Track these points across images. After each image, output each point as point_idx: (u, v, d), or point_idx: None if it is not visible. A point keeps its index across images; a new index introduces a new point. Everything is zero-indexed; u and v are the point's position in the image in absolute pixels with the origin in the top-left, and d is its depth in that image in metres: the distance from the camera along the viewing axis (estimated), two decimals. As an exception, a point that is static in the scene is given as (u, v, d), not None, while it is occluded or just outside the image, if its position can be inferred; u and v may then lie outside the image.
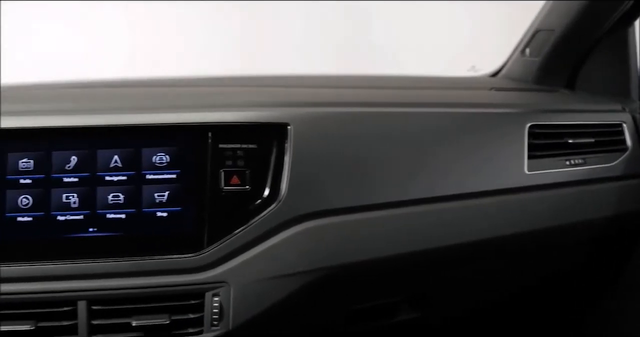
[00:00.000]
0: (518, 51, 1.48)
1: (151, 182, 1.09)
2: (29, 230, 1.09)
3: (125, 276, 1.08)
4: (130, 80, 1.48)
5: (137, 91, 1.31)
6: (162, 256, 1.07)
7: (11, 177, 1.09)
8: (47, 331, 1.06)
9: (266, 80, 1.45)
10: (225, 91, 1.24)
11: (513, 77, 1.49)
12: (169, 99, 1.08)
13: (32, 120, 1.11)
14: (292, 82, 1.41)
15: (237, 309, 1.06)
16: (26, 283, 1.07)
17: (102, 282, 1.07)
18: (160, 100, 1.06)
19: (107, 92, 1.31)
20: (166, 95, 1.12)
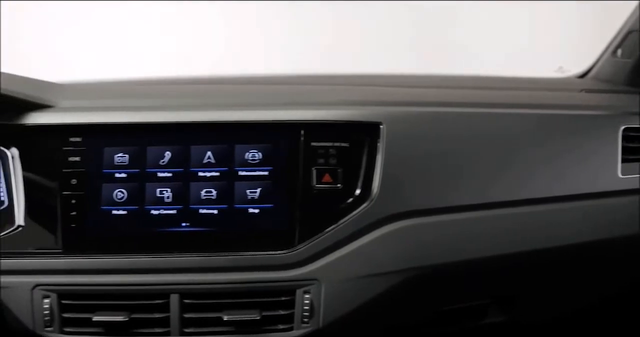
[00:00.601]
0: (609, 52, 1.47)
1: (243, 179, 1.11)
2: (124, 223, 1.12)
3: (217, 270, 1.10)
4: (219, 77, 1.50)
5: (228, 88, 1.33)
6: (253, 252, 1.10)
7: (107, 171, 1.12)
8: (140, 323, 1.10)
9: (356, 79, 1.46)
10: (317, 89, 1.23)
11: (603, 79, 1.48)
12: (261, 96, 1.10)
13: (128, 115, 1.14)
14: (381, 81, 1.42)
15: (328, 307, 1.07)
16: (120, 275, 1.11)
17: (195, 276, 1.10)
18: (253, 98, 1.08)
19: (199, 89, 1.33)
20: (258, 93, 1.14)
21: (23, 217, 1.15)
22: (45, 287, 1.11)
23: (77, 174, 1.06)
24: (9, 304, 1.11)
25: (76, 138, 1.06)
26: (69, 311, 1.04)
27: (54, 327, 1.11)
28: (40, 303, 1.10)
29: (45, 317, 1.10)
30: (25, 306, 1.11)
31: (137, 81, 1.52)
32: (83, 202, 1.06)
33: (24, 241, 1.15)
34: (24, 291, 1.12)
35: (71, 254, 1.12)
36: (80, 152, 1.06)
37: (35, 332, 1.11)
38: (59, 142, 1.06)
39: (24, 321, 1.11)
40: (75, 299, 1.04)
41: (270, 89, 1.30)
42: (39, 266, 1.13)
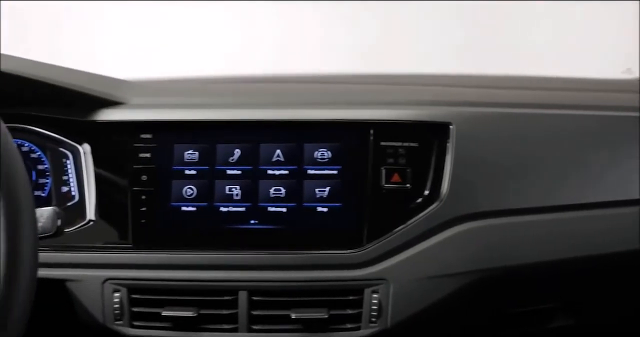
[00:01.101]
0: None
1: (312, 177, 1.12)
2: (193, 220, 1.13)
3: (285, 268, 1.11)
4: (285, 76, 1.51)
5: (296, 87, 1.34)
6: (321, 251, 1.11)
7: (177, 168, 1.13)
8: (208, 318, 1.10)
9: (422, 79, 1.45)
10: (385, 89, 1.26)
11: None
12: (330, 95, 1.10)
13: (198, 113, 1.16)
14: (447, 81, 1.42)
15: (396, 307, 1.08)
16: (189, 271, 1.12)
17: (263, 273, 1.11)
18: (322, 97, 1.08)
19: (266, 87, 1.35)
20: (327, 92, 1.14)
21: (94, 212, 1.17)
22: (115, 282, 1.13)
23: (147, 171, 1.07)
24: (79, 297, 1.14)
25: (147, 135, 1.07)
26: (138, 305, 1.05)
27: (123, 321, 1.12)
28: (110, 297, 1.12)
29: (115, 311, 1.12)
30: (95, 300, 1.13)
31: (203, 79, 1.54)
32: (153, 198, 1.08)
33: (94, 235, 1.18)
34: (95, 284, 1.13)
35: (141, 249, 1.14)
36: (150, 149, 1.07)
37: (105, 326, 1.13)
38: (130, 139, 1.08)
39: (94, 314, 1.12)
40: (144, 293, 1.05)
41: (338, 88, 1.31)
42: (109, 260, 1.15)
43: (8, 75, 1.09)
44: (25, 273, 0.79)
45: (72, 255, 1.16)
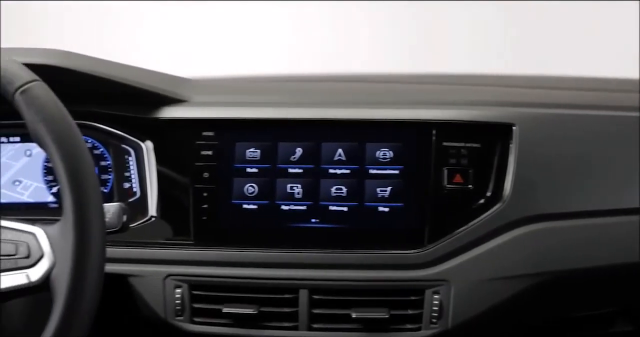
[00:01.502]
0: None
1: (374, 177, 1.13)
2: (254, 217, 1.13)
3: (346, 267, 1.12)
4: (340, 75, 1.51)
5: (356, 86, 1.35)
6: (382, 251, 1.11)
7: (239, 166, 1.14)
8: (268, 316, 1.11)
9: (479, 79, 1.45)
10: (446, 89, 1.23)
11: None
12: (391, 94, 1.11)
13: (260, 111, 1.16)
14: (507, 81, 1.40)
15: (457, 308, 1.08)
16: (250, 268, 1.13)
17: (324, 272, 1.11)
18: (384, 96, 1.09)
19: (324, 86, 1.35)
20: (388, 91, 1.15)
21: (155, 208, 1.18)
22: (177, 278, 1.14)
23: (209, 168, 1.08)
24: (141, 292, 1.15)
25: (209, 132, 1.08)
26: (199, 302, 1.06)
27: (184, 317, 1.13)
28: (172, 293, 1.13)
29: (177, 307, 1.13)
30: (157, 295, 1.14)
31: (261, 78, 1.54)
32: (214, 196, 1.09)
33: (156, 231, 1.19)
34: (157, 280, 1.15)
35: (202, 246, 1.15)
36: (212, 147, 1.08)
37: (166, 321, 1.14)
38: (192, 136, 1.09)
39: (156, 309, 1.14)
40: (205, 290, 1.06)
41: (399, 88, 1.31)
42: (171, 256, 1.16)
43: (74, 73, 1.11)
44: (94, 268, 0.80)
45: (134, 250, 1.17)
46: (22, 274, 0.82)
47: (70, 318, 0.78)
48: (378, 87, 1.33)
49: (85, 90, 1.11)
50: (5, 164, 1.29)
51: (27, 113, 0.81)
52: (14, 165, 1.29)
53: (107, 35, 2.24)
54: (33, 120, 0.81)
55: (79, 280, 0.78)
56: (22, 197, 1.30)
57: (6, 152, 1.29)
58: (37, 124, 0.81)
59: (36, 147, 1.18)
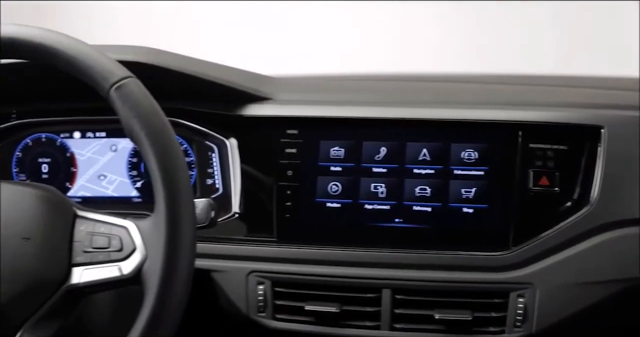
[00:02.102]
0: None
1: (458, 178, 1.12)
2: (337, 216, 1.14)
3: (429, 268, 1.12)
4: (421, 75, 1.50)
5: (438, 86, 1.35)
6: (466, 252, 1.11)
7: (323, 164, 1.14)
8: (350, 315, 1.11)
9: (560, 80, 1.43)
10: (530, 90, 1.21)
11: None
12: (475, 95, 1.11)
13: (344, 110, 1.17)
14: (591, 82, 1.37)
15: (542, 313, 1.07)
16: (333, 267, 1.13)
17: (407, 272, 1.12)
18: (468, 96, 1.09)
19: (407, 86, 1.35)
20: (471, 91, 1.13)
21: (238, 205, 1.19)
22: (259, 274, 1.15)
23: (293, 166, 1.09)
24: (224, 287, 1.16)
25: (293, 130, 1.09)
26: (281, 299, 1.07)
27: (266, 313, 1.14)
28: (254, 289, 1.14)
29: (259, 303, 1.14)
30: (240, 291, 1.16)
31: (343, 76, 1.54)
32: (298, 194, 1.10)
33: (239, 227, 1.20)
34: (240, 276, 1.16)
35: (285, 243, 1.15)
36: (296, 145, 1.09)
37: (248, 317, 1.15)
38: (277, 134, 1.10)
39: (238, 304, 1.15)
40: (288, 287, 1.07)
41: (481, 88, 1.30)
42: (254, 253, 1.17)
43: (162, 70, 1.13)
44: (184, 262, 0.82)
45: (218, 246, 1.19)
46: (115, 266, 0.84)
47: (161, 311, 0.79)
48: (460, 87, 1.32)
49: (172, 87, 1.13)
50: (91, 159, 1.32)
51: (122, 109, 0.83)
52: (100, 160, 1.32)
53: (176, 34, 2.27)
54: (127, 116, 0.83)
55: (170, 274, 0.80)
56: (107, 192, 1.32)
57: (92, 147, 1.32)
58: (131, 120, 0.83)
59: (121, 143, 1.21)
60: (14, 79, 1.21)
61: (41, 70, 1.15)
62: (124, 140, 1.31)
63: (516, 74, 1.51)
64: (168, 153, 0.83)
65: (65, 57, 0.86)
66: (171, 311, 0.81)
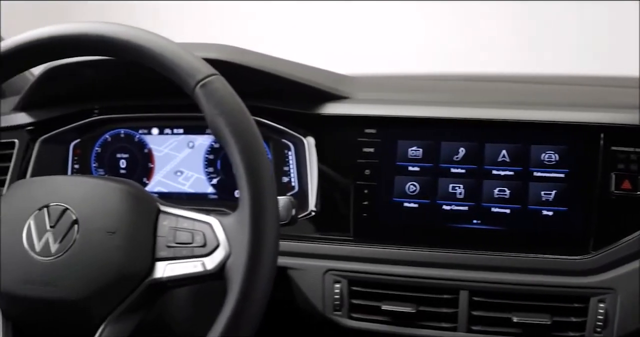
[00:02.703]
0: None
1: (538, 180, 1.12)
2: (415, 216, 1.14)
3: (507, 270, 1.12)
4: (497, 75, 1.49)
5: (515, 87, 1.34)
6: (545, 255, 1.10)
7: (400, 164, 1.15)
8: (426, 316, 1.11)
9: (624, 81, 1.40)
10: (611, 91, 1.20)
11: None
12: (555, 96, 1.09)
13: (422, 109, 1.17)
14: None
15: (623, 318, 1.07)
16: (410, 267, 1.14)
17: (485, 274, 1.11)
18: (547, 97, 1.07)
19: (485, 86, 1.33)
20: (550, 93, 1.12)
21: (315, 203, 1.20)
22: (336, 273, 1.16)
23: (370, 165, 1.09)
24: (300, 285, 1.17)
25: (371, 130, 1.09)
26: (358, 298, 1.07)
27: (342, 312, 1.15)
28: (331, 287, 1.15)
29: (335, 302, 1.14)
30: (316, 289, 1.16)
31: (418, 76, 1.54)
32: (375, 193, 1.11)
33: (316, 226, 1.21)
34: (317, 274, 1.17)
35: (362, 242, 1.15)
36: (374, 144, 1.09)
37: (324, 315, 1.15)
38: (354, 133, 1.10)
39: (314, 303, 1.16)
40: (364, 286, 1.07)
41: (562, 89, 1.29)
42: (331, 251, 1.18)
43: (244, 68, 1.14)
44: (268, 259, 0.83)
45: (295, 244, 1.19)
46: (198, 262, 0.86)
47: (244, 307, 0.81)
48: (539, 88, 1.31)
49: (252, 85, 1.14)
50: (169, 155, 1.34)
51: (207, 106, 0.85)
52: (177, 156, 1.33)
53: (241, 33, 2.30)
54: (212, 113, 0.84)
55: (253, 270, 0.81)
56: (183, 188, 1.34)
57: (170, 144, 1.34)
58: (216, 117, 0.85)
59: (198, 139, 1.23)
60: (98, 75, 1.24)
61: (123, 68, 1.17)
62: (201, 137, 1.32)
63: (594, 75, 1.49)
64: (253, 150, 0.85)
65: (152, 54, 0.88)
66: (254, 307, 0.83)
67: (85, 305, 0.83)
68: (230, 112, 0.85)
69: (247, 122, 0.85)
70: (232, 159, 0.82)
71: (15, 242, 0.82)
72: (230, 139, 0.83)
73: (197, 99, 0.85)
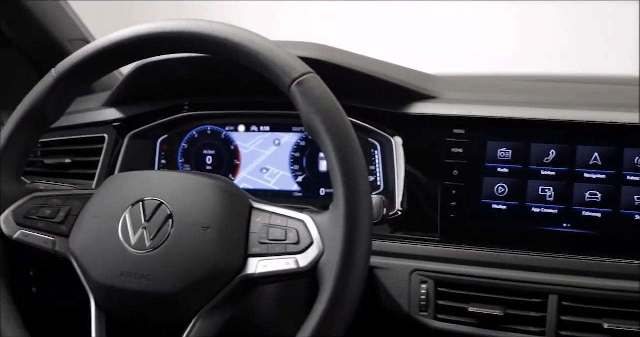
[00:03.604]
0: None
1: (631, 184, 1.12)
2: (503, 218, 1.13)
3: (598, 276, 1.12)
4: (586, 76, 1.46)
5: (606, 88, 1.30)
6: (637, 261, 1.03)
7: (490, 165, 1.14)
8: (514, 319, 1.10)
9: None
10: None
11: None
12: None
13: (512, 110, 1.15)
14: None
15: None
16: (498, 269, 1.14)
17: (575, 279, 1.11)
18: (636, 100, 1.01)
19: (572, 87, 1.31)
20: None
21: (400, 203, 1.19)
22: (423, 273, 1.16)
23: (458, 166, 1.09)
24: (386, 285, 1.17)
25: (460, 130, 1.08)
26: (444, 299, 1.06)
27: (428, 313, 1.14)
28: (417, 288, 1.15)
29: (422, 302, 1.14)
30: (402, 289, 1.16)
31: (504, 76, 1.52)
32: (463, 194, 1.10)
33: (402, 225, 1.21)
34: (403, 274, 1.17)
35: (449, 243, 1.14)
36: (463, 144, 1.08)
37: (409, 315, 1.15)
38: (443, 133, 1.10)
39: (400, 302, 1.15)
40: (451, 287, 1.06)
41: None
42: (418, 251, 1.18)
43: (335, 67, 1.14)
44: (361, 258, 0.84)
45: (382, 243, 1.20)
46: (292, 259, 0.86)
47: (336, 305, 0.81)
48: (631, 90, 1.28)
49: (341, 84, 1.14)
50: (255, 152, 1.35)
51: (303, 104, 0.85)
52: (263, 153, 1.35)
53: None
54: (308, 111, 0.84)
55: (347, 269, 0.81)
56: (269, 185, 1.36)
57: (256, 141, 1.35)
58: (312, 115, 0.86)
59: (285, 137, 1.24)
60: (188, 73, 1.26)
61: (213, 65, 1.19)
62: (288, 135, 1.34)
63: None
64: (348, 149, 0.85)
65: (248, 52, 0.89)
66: (346, 306, 0.83)
67: (178, 299, 0.83)
68: (326, 110, 0.85)
69: (343, 121, 0.85)
70: (327, 157, 0.83)
71: (111, 235, 0.85)
72: (326, 138, 0.84)
73: (292, 97, 0.86)
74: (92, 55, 0.86)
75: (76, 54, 0.87)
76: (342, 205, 0.83)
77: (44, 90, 0.94)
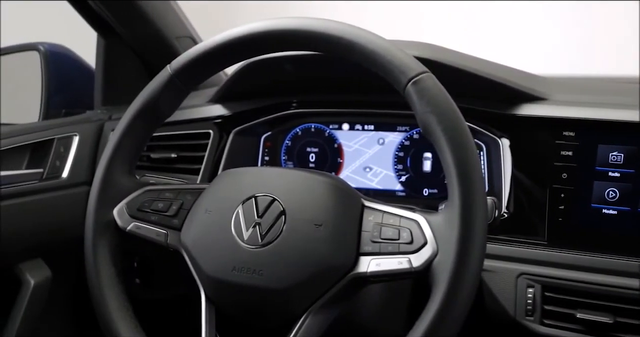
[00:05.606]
0: None
1: None
2: (613, 223, 1.12)
3: None
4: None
5: None
6: None
7: (600, 169, 1.12)
8: (624, 327, 1.08)
9: None
10: None
11: None
12: None
13: (625, 114, 1.12)
14: None
15: None
16: (607, 276, 1.13)
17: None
18: None
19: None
20: None
21: (506, 205, 1.18)
22: (529, 277, 1.14)
23: (568, 169, 1.07)
24: (492, 288, 1.16)
25: (570, 132, 1.06)
26: (551, 304, 1.05)
27: (534, 317, 1.13)
28: (523, 292, 1.13)
29: (527, 306, 1.12)
30: (508, 292, 1.15)
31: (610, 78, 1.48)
32: (572, 197, 1.09)
33: (509, 228, 1.19)
34: (509, 277, 1.16)
35: (556, 247, 1.13)
36: (573, 147, 1.06)
37: (514, 319, 1.13)
38: (552, 135, 1.08)
39: (505, 306, 1.14)
40: (558, 292, 1.05)
41: None
42: (524, 255, 1.17)
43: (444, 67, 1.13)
44: (476, 259, 0.84)
45: (490, 246, 1.18)
46: (404, 258, 0.83)
47: (449, 307, 0.81)
48: None
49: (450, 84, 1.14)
50: (358, 151, 1.36)
51: (419, 103, 0.86)
52: (366, 152, 1.35)
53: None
54: (423, 110, 0.83)
55: (461, 271, 0.81)
56: (371, 184, 1.36)
57: (360, 139, 1.36)
58: (427, 115, 0.86)
59: (389, 136, 1.24)
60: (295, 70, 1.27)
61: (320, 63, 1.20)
62: (392, 134, 1.34)
63: None
64: (465, 150, 0.85)
65: (363, 51, 0.90)
66: (459, 308, 0.83)
67: (289, 294, 0.84)
68: (443, 110, 0.86)
69: (459, 121, 0.84)
70: (443, 157, 0.83)
71: (223, 230, 0.86)
72: (442, 137, 0.84)
73: (408, 96, 0.87)
74: (207, 52, 0.88)
75: (191, 51, 0.89)
76: (458, 205, 0.83)
77: (160, 85, 0.95)
